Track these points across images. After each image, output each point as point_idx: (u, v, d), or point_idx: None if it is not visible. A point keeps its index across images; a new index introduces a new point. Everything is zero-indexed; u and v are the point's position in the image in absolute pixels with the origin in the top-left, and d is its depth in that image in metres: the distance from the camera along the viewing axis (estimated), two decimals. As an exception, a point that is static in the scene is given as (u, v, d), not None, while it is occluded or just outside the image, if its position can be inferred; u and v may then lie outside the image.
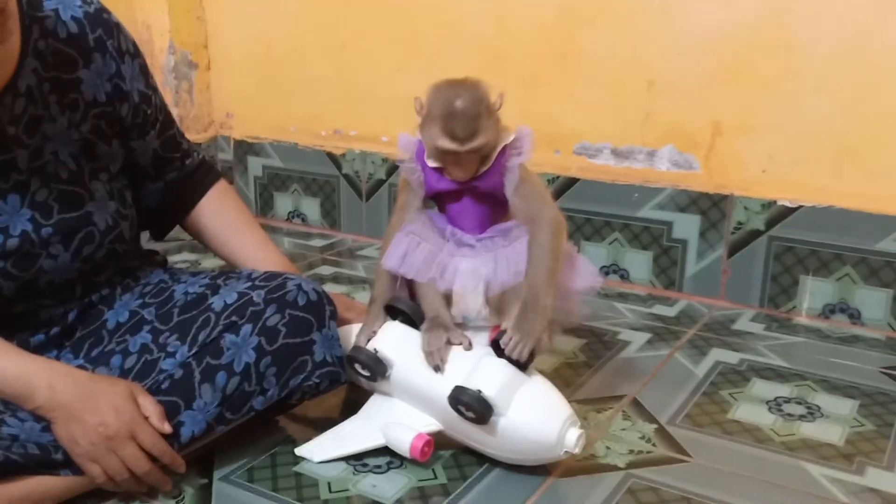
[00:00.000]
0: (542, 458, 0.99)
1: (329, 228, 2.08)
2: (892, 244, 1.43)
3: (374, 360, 1.04)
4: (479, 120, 0.98)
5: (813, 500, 0.96)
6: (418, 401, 1.04)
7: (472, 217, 1.05)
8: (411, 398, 1.05)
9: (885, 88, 1.39)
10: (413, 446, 0.99)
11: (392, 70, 1.88)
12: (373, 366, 1.04)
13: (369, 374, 1.05)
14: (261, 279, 1.04)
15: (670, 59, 1.56)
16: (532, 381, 1.00)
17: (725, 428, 1.13)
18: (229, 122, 2.18)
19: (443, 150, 0.99)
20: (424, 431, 1.01)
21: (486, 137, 0.99)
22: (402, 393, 1.06)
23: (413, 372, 1.04)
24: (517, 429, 0.96)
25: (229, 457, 1.04)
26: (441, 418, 1.02)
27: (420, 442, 0.99)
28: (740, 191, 1.54)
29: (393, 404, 1.07)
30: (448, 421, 1.01)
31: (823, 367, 1.32)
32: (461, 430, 1.01)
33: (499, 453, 1.00)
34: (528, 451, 0.98)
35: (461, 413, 0.97)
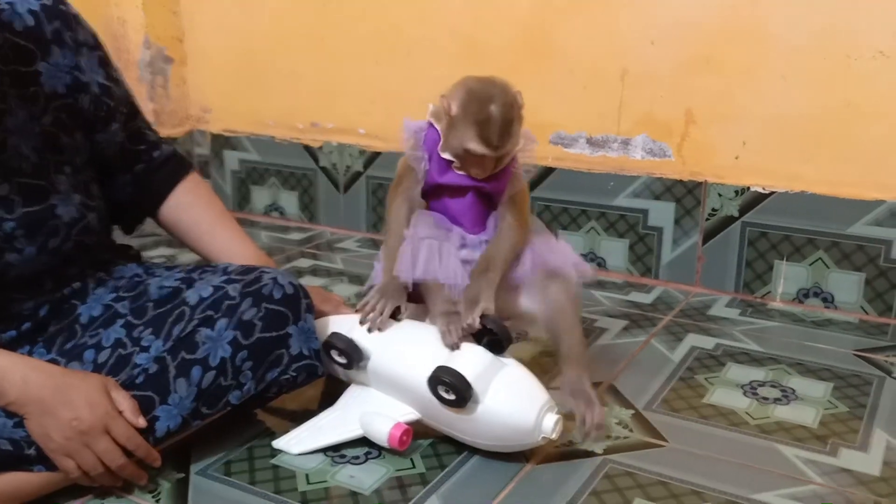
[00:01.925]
0: (519, 443, 0.99)
1: (307, 222, 2.07)
2: (864, 228, 1.44)
3: (352, 347, 1.04)
4: (513, 125, 1.00)
5: (787, 482, 0.97)
6: (396, 389, 1.04)
7: (474, 215, 1.07)
8: (389, 387, 1.05)
9: (853, 75, 1.41)
10: (391, 436, 0.99)
11: (369, 63, 1.88)
12: (350, 353, 1.04)
13: (346, 361, 1.06)
14: (236, 273, 1.03)
15: (644, 49, 1.57)
16: (509, 367, 1.01)
17: (701, 412, 1.14)
18: (206, 117, 2.17)
19: (471, 152, 1.00)
20: (402, 420, 1.01)
21: (516, 142, 1.01)
22: (379, 382, 1.06)
23: (391, 360, 1.04)
24: (495, 414, 0.97)
25: (206, 450, 1.03)
26: (419, 406, 1.02)
27: (398, 431, 0.99)
28: (714, 178, 1.55)
29: (370, 394, 1.07)
30: (427, 408, 1.01)
31: (798, 351, 1.33)
32: (440, 417, 1.01)
33: (477, 440, 1.01)
34: (505, 437, 0.99)
35: (440, 396, 0.97)
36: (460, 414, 0.98)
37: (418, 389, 1.00)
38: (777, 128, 1.49)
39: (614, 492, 0.95)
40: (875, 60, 1.39)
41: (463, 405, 0.96)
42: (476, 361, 0.98)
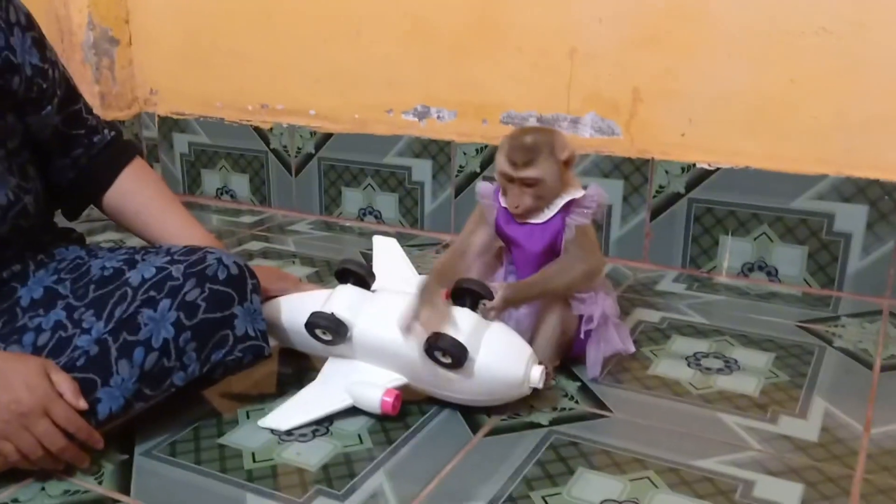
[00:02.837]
0: (509, 395, 1.04)
1: (259, 205, 2.06)
2: (807, 202, 1.47)
3: (336, 323, 1.06)
4: (538, 154, 1.08)
5: (727, 448, 0.99)
6: (382, 357, 1.06)
7: (530, 265, 1.14)
8: (373, 356, 1.07)
9: (794, 52, 1.43)
10: (384, 402, 1.01)
11: (318, 42, 1.86)
12: (334, 328, 1.05)
13: (331, 337, 1.06)
14: (180, 253, 1.02)
15: (591, 28, 1.58)
16: (493, 325, 1.05)
17: (646, 383, 1.16)
18: (153, 99, 2.13)
19: (501, 172, 1.11)
20: (391, 387, 1.03)
21: (543, 173, 1.08)
22: (363, 352, 1.07)
23: (375, 329, 1.06)
24: (487, 369, 1.01)
25: (151, 432, 1.02)
26: (408, 371, 1.05)
27: (390, 397, 1.02)
28: (661, 155, 1.57)
29: (352, 365, 1.08)
30: (415, 372, 1.04)
31: (742, 323, 1.36)
32: (428, 379, 1.04)
33: (466, 396, 1.04)
34: (496, 391, 1.03)
35: (437, 360, 1.00)
36: (452, 374, 1.01)
37: (407, 355, 1.03)
38: (722, 105, 1.51)
39: (558, 461, 0.96)
40: (818, 37, 1.42)
41: (460, 367, 1.00)
42: (465, 324, 1.02)
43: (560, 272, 1.11)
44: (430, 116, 1.80)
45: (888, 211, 1.42)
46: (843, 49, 1.40)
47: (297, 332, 1.12)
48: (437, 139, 1.79)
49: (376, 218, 1.91)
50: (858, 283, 1.47)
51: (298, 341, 1.13)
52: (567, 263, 1.11)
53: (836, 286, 1.49)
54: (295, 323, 1.12)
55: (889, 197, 1.41)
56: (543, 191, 1.10)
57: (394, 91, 1.82)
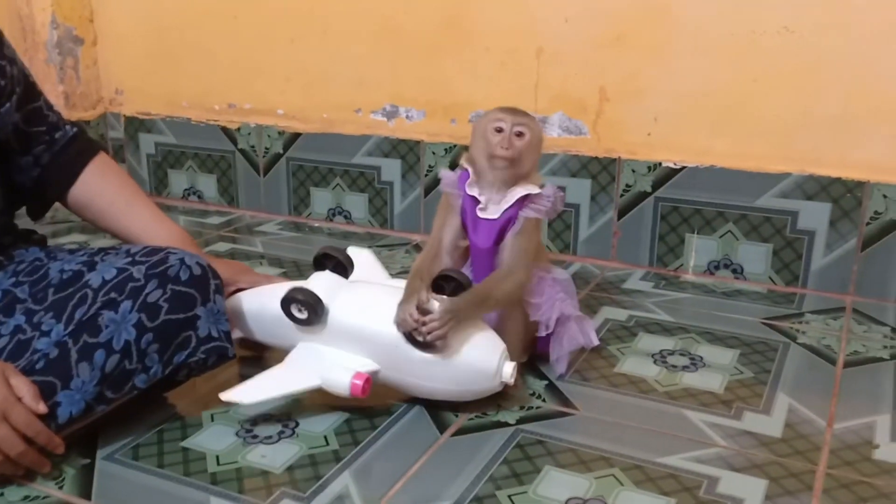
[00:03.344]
0: (480, 388, 1.04)
1: (227, 205, 2.04)
2: (771, 200, 1.49)
3: (314, 299, 1.04)
4: (527, 115, 1.12)
5: (692, 445, 1.00)
6: (356, 342, 1.05)
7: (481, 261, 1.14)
8: (347, 340, 1.05)
9: (757, 51, 1.45)
10: (353, 385, 1.00)
11: (285, 41, 1.85)
12: (312, 304, 1.04)
13: (307, 314, 1.05)
14: (141, 254, 1.01)
15: (558, 27, 1.59)
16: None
17: (612, 381, 1.16)
18: (119, 99, 2.11)
19: (493, 123, 1.10)
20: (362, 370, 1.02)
21: (532, 130, 1.10)
22: (336, 336, 1.06)
23: (352, 312, 1.05)
24: (461, 358, 1.01)
25: (113, 435, 1.01)
26: (381, 357, 1.04)
27: (360, 380, 1.00)
28: (627, 154, 1.58)
29: (322, 351, 1.07)
30: (389, 357, 1.03)
31: (707, 321, 1.37)
32: (402, 366, 1.03)
33: (438, 386, 1.04)
34: (468, 382, 1.03)
35: (414, 341, 1.00)
36: (427, 361, 1.01)
37: (381, 339, 1.03)
38: (687, 104, 1.52)
39: (525, 460, 0.96)
40: (780, 36, 1.43)
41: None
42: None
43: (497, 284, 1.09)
44: (399, 116, 1.79)
45: (850, 208, 1.44)
46: (805, 48, 1.42)
47: (267, 320, 1.11)
48: (405, 139, 1.78)
49: (346, 218, 1.90)
50: (822, 280, 1.49)
51: (269, 331, 1.12)
52: (504, 275, 1.09)
53: (800, 283, 1.51)
54: (266, 311, 1.11)
55: (851, 195, 1.43)
56: (529, 149, 1.10)
57: (362, 90, 1.81)
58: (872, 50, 1.38)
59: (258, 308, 1.13)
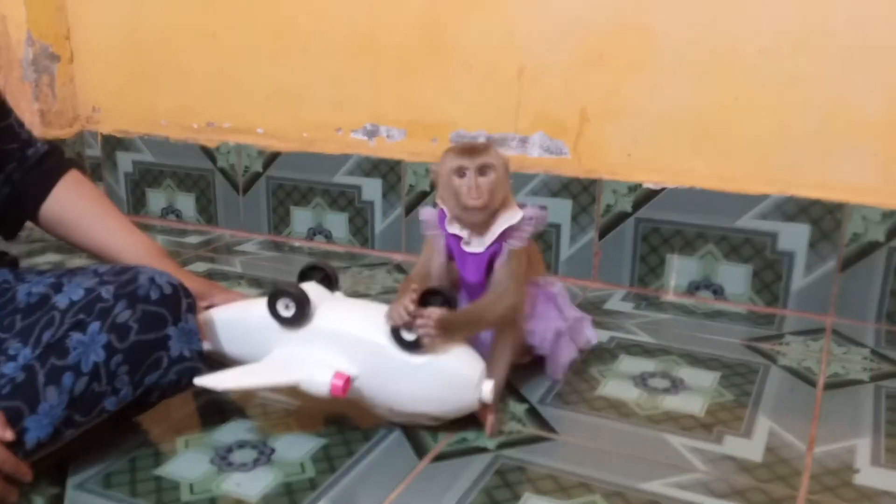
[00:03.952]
0: (459, 404, 1.03)
1: (205, 224, 2.02)
2: (750, 221, 1.49)
3: (304, 295, 1.03)
4: (489, 148, 1.07)
5: (672, 470, 0.99)
6: (336, 346, 1.03)
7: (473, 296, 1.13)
8: (327, 345, 1.03)
9: (737, 71, 1.45)
10: (334, 385, 0.98)
11: (265, 59, 1.84)
12: (302, 300, 1.03)
13: (294, 311, 1.03)
14: (109, 274, 0.99)
15: (539, 47, 1.59)
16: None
17: (593, 405, 1.15)
18: (96, 117, 2.09)
19: (453, 168, 1.05)
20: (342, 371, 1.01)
21: (496, 161, 1.06)
22: (317, 340, 1.04)
23: (334, 318, 1.05)
24: (442, 370, 1.01)
25: (85, 463, 0.99)
26: (362, 362, 1.02)
27: (340, 380, 0.99)
28: (608, 174, 1.58)
29: (301, 354, 1.04)
30: (370, 364, 1.01)
31: (688, 342, 1.36)
32: (382, 373, 1.01)
33: (414, 403, 1.02)
34: (446, 398, 1.02)
35: (400, 339, 0.99)
36: (409, 366, 1.00)
37: (367, 343, 1.02)
38: (667, 124, 1.52)
39: (504, 487, 0.95)
40: (759, 56, 1.44)
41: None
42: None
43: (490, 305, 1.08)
44: (380, 135, 1.79)
45: (830, 230, 1.44)
46: (784, 69, 1.43)
47: (242, 331, 1.09)
48: (386, 158, 1.77)
49: (326, 237, 1.89)
50: (802, 301, 1.49)
51: (242, 343, 1.10)
52: (494, 298, 1.08)
53: (780, 304, 1.51)
54: (240, 321, 1.10)
55: (831, 216, 1.44)
56: (497, 185, 1.06)
57: (343, 109, 1.80)
58: (851, 71, 1.39)
59: (232, 318, 1.11)
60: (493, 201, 1.05)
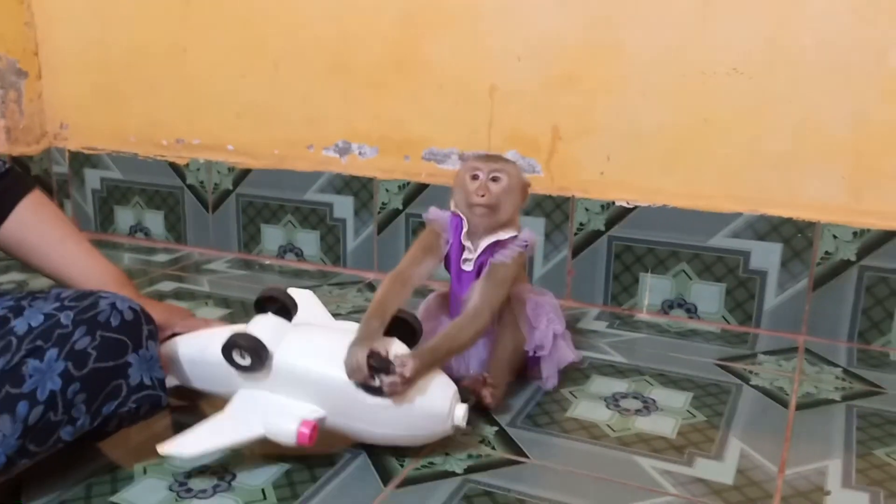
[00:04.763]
0: (432, 432, 1.02)
1: (174, 242, 1.99)
2: (723, 240, 1.49)
3: (257, 344, 0.99)
4: (504, 160, 1.16)
5: (643, 494, 0.97)
6: (301, 387, 1.00)
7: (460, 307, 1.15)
8: (292, 386, 1.01)
9: (709, 91, 1.45)
10: (300, 434, 0.96)
11: (235, 76, 1.82)
12: (255, 350, 0.99)
13: (250, 361, 1.00)
14: (70, 299, 0.96)
15: (511, 66, 1.58)
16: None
17: (564, 426, 1.13)
18: (64, 133, 2.05)
19: (469, 169, 1.14)
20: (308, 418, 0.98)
21: (509, 173, 1.13)
22: (281, 382, 1.01)
23: (295, 357, 1.01)
24: (412, 401, 0.99)
25: (39, 490, 0.95)
26: (328, 402, 1.00)
27: (307, 428, 0.97)
28: (581, 193, 1.57)
29: (265, 398, 1.01)
30: (336, 404, 0.99)
31: (661, 362, 1.35)
32: (350, 412, 0.99)
33: (388, 432, 1.00)
34: (419, 426, 1.01)
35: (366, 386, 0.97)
36: (377, 406, 0.98)
37: (329, 384, 0.99)
38: (638, 143, 1.52)
39: (471, 513, 0.93)
40: (729, 77, 1.44)
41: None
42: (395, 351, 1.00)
43: (459, 332, 1.09)
44: (352, 152, 1.77)
45: (801, 249, 1.44)
46: (754, 89, 1.43)
47: (206, 366, 1.06)
48: (358, 175, 1.76)
49: (297, 255, 1.87)
50: (775, 320, 1.49)
51: (207, 378, 1.07)
52: (465, 322, 1.10)
53: (753, 323, 1.50)
54: (205, 356, 1.06)
55: (802, 235, 1.44)
56: (507, 194, 1.13)
57: (314, 126, 1.79)
58: (820, 91, 1.39)
59: (196, 353, 1.09)
60: (498, 207, 1.12)
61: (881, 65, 1.35)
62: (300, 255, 1.86)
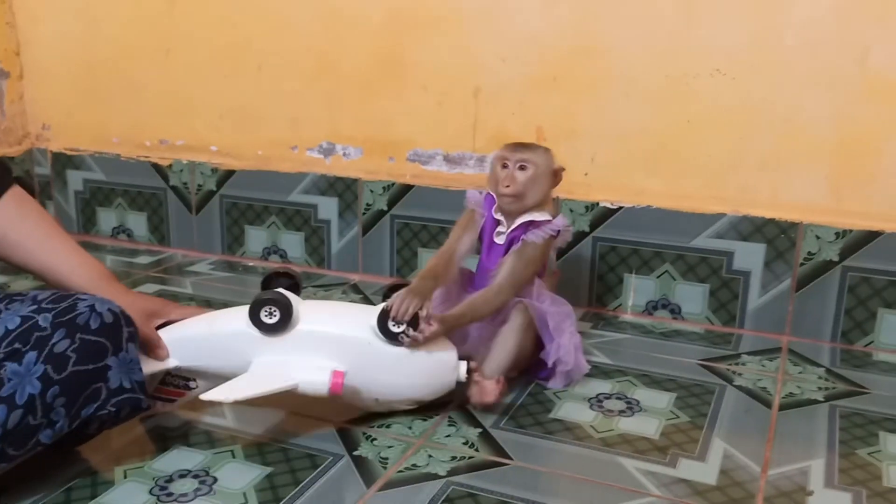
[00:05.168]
0: (441, 387, 1.12)
1: (157, 244, 1.97)
2: (707, 241, 1.49)
3: (286, 301, 1.04)
4: (536, 148, 1.23)
5: (626, 495, 0.97)
6: (321, 347, 1.06)
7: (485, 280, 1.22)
8: (312, 347, 1.06)
9: (692, 92, 1.46)
10: (334, 383, 1.02)
11: (219, 76, 1.81)
12: (286, 305, 1.04)
13: (279, 317, 1.04)
14: (48, 301, 0.95)
15: (495, 67, 1.58)
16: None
17: (547, 428, 1.13)
18: (46, 134, 2.04)
19: (498, 158, 1.23)
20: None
21: (537, 160, 1.20)
22: (300, 343, 1.06)
23: (315, 319, 1.08)
24: (424, 356, 1.09)
25: (17, 494, 0.94)
26: (349, 359, 1.06)
27: (339, 378, 1.02)
28: (565, 194, 1.57)
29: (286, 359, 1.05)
30: (359, 357, 1.06)
31: (645, 362, 1.35)
32: (368, 369, 1.06)
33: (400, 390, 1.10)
34: (429, 382, 1.11)
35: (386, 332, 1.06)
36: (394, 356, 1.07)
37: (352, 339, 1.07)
38: (622, 144, 1.52)
39: (454, 516, 0.93)
40: (712, 78, 1.44)
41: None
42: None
43: (483, 304, 1.18)
44: (336, 153, 1.76)
45: (784, 249, 1.45)
46: (737, 90, 1.43)
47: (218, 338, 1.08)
48: (343, 176, 1.75)
49: (281, 257, 1.86)
50: (758, 321, 1.49)
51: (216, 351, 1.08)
52: (490, 295, 1.18)
53: (737, 323, 1.51)
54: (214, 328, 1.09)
55: (785, 235, 1.44)
56: (534, 182, 1.20)
57: (298, 127, 1.78)
58: (802, 92, 1.40)
59: (205, 328, 1.10)
60: (524, 194, 1.20)
61: (863, 66, 1.36)
62: (284, 257, 1.85)
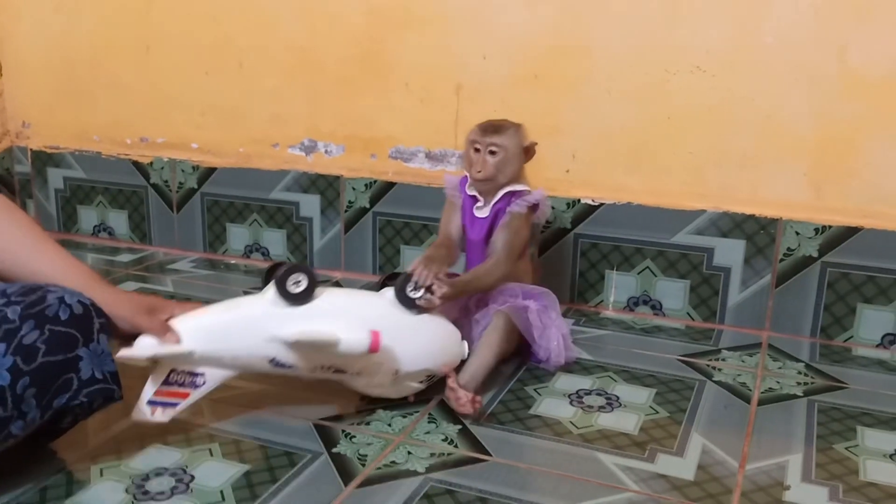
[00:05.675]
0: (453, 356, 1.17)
1: (139, 242, 1.96)
2: (686, 237, 1.49)
3: (311, 269, 1.09)
4: (505, 128, 1.26)
5: (604, 490, 0.97)
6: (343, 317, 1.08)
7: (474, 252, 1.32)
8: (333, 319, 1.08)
9: (672, 90, 1.46)
10: (374, 341, 1.05)
11: (200, 73, 1.81)
12: (311, 272, 1.07)
13: (307, 285, 1.07)
14: (17, 294, 0.94)
15: (476, 65, 1.58)
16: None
17: (527, 424, 1.13)
18: (26, 132, 2.02)
19: (469, 141, 1.27)
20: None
21: (507, 143, 1.25)
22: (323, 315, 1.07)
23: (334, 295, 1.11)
24: (439, 323, 1.17)
25: (-10, 494, 0.94)
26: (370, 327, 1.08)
27: (377, 337, 1.06)
28: (547, 190, 1.55)
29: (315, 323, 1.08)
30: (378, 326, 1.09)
31: (626, 358, 1.36)
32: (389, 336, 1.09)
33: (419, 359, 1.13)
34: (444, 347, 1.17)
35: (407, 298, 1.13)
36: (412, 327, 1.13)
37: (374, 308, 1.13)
38: (603, 141, 1.52)
39: (431, 512, 0.92)
40: (692, 75, 1.45)
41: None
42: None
43: (485, 275, 1.25)
44: (318, 151, 1.76)
45: (764, 245, 1.45)
46: (717, 87, 1.44)
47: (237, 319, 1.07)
48: (325, 174, 1.75)
49: (263, 255, 1.85)
50: (738, 316, 1.50)
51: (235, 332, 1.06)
52: (490, 267, 1.26)
53: (717, 319, 1.51)
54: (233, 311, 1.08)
55: (764, 231, 1.45)
56: (504, 164, 1.25)
57: (280, 125, 1.77)
58: (781, 89, 1.40)
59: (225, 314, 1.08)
60: (496, 177, 1.26)
61: (842, 63, 1.36)
62: (266, 255, 1.85)
